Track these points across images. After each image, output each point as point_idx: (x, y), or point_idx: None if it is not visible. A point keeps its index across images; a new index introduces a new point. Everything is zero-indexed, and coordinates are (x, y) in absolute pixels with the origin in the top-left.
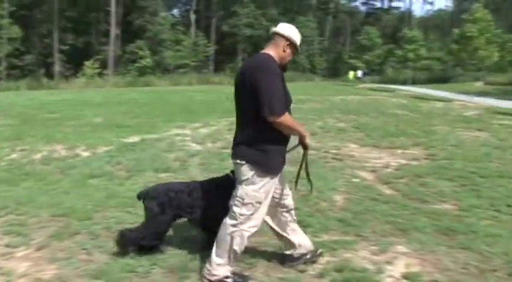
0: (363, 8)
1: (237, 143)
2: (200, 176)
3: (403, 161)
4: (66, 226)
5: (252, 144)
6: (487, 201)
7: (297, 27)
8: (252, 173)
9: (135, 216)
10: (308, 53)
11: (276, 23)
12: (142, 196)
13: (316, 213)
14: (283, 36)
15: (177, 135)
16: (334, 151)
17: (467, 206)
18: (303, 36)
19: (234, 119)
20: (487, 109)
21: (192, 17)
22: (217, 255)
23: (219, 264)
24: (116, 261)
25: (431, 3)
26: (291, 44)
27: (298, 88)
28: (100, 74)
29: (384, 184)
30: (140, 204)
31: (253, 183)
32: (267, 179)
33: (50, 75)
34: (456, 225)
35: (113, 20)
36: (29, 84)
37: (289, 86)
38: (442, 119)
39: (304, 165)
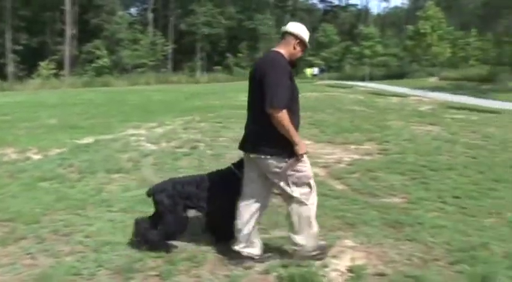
0: (320, 6)
1: (250, 133)
2: (154, 176)
3: (356, 156)
4: (11, 231)
5: (272, 137)
6: (435, 194)
7: (255, 25)
8: (284, 161)
9: (84, 219)
10: (267, 50)
11: (234, 21)
12: (152, 192)
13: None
14: (293, 34)
15: (132, 135)
16: None
17: (416, 198)
18: (261, 34)
19: (189, 118)
20: (440, 104)
21: (150, 15)
22: (302, 236)
23: (308, 241)
24: (60, 264)
25: (387, 1)
26: (301, 41)
27: None
28: (56, 75)
29: (335, 179)
30: (90, 206)
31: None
32: (297, 161)
33: (3, 76)
34: (404, 217)
35: (68, 19)
36: None
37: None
38: (397, 114)
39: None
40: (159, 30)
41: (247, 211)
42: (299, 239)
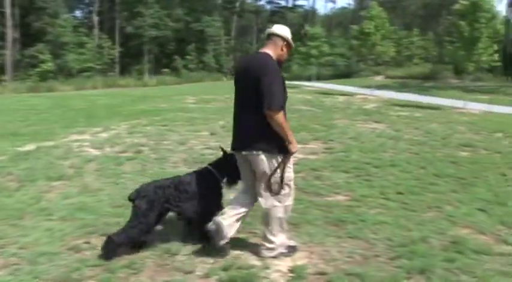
0: (268, 7)
1: (242, 132)
2: (96, 182)
3: (301, 156)
4: None
5: (264, 135)
6: (378, 190)
7: (202, 27)
8: (275, 159)
9: (20, 229)
10: (215, 52)
11: (181, 23)
12: (134, 197)
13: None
14: (280, 36)
15: (76, 141)
16: None
17: (359, 196)
18: (209, 36)
19: (135, 122)
20: (386, 101)
21: (95, 18)
22: (271, 235)
23: (275, 239)
24: None
25: (333, 2)
26: (288, 43)
27: (204, 88)
28: None
29: None
30: (28, 215)
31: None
32: (288, 159)
33: None
34: (346, 215)
35: (9, 23)
36: None
37: (197, 86)
38: (343, 113)
39: (281, 168)
40: (105, 33)
41: (242, 206)
42: (270, 236)
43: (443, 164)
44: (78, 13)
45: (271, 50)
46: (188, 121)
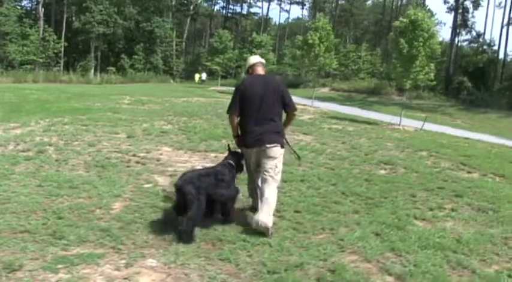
0: (223, 12)
1: (267, 131)
2: None
3: (210, 165)
4: None
5: (280, 133)
6: (276, 208)
7: (152, 28)
8: (282, 150)
9: None
10: (164, 54)
11: (131, 21)
12: (180, 184)
13: (81, 223)
14: (263, 63)
15: None
16: (142, 154)
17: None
18: (157, 36)
19: (58, 119)
20: (324, 113)
21: (41, 10)
22: (270, 213)
23: (270, 216)
24: None
25: (287, 11)
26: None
27: (146, 89)
28: None
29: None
30: None
31: (281, 156)
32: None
33: None
34: (229, 234)
35: None
36: None
37: (142, 86)
38: None
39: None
40: (51, 26)
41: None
42: (263, 215)
43: (355, 182)
44: (25, 3)
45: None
46: (111, 122)
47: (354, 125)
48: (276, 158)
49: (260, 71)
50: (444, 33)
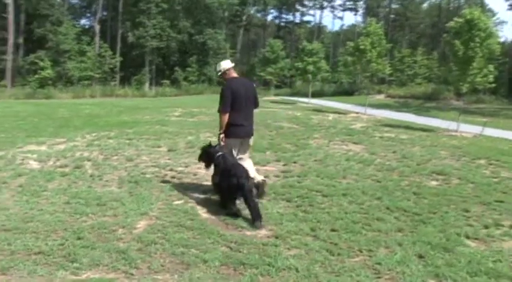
0: (276, 21)
1: (250, 124)
2: (9, 199)
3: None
4: None
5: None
6: (310, 226)
7: (205, 39)
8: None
9: None
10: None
11: (185, 34)
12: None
13: (99, 244)
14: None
15: (28, 152)
16: (179, 169)
17: (285, 232)
18: (209, 47)
19: (104, 133)
20: (377, 121)
21: (97, 27)
22: (255, 172)
23: (256, 174)
24: None
25: (341, 18)
26: None
27: (199, 101)
28: None
29: (207, 206)
30: None
31: None
32: None
33: None
34: (253, 257)
35: (10, 28)
36: None
37: (195, 98)
38: (325, 132)
39: None
40: (107, 42)
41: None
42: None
43: (402, 195)
44: (83, 21)
45: None
46: (156, 135)
47: (407, 133)
48: (250, 144)
49: (234, 73)
50: (507, 33)
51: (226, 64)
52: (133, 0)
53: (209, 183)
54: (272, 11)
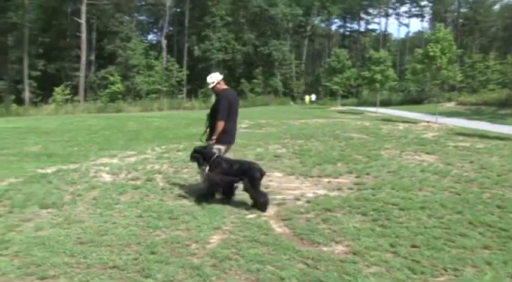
0: (341, 31)
1: (236, 131)
2: (83, 212)
3: (322, 192)
4: None
5: None
6: (389, 241)
7: (270, 50)
8: None
9: None
10: (284, 76)
11: (250, 46)
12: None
13: (172, 259)
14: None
15: (101, 164)
16: None
17: (363, 247)
18: (275, 59)
19: (174, 146)
20: (449, 130)
21: (164, 42)
22: None
23: None
24: None
25: (406, 25)
26: None
27: (266, 112)
28: (71, 100)
29: (280, 220)
30: None
31: None
32: None
33: (21, 101)
34: (331, 275)
35: (83, 46)
36: None
37: (262, 109)
38: (396, 142)
39: None
40: (173, 56)
41: None
42: None
43: (485, 209)
44: (150, 37)
45: None
46: None
47: (483, 142)
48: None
49: (224, 85)
50: None
51: (217, 76)
52: (198, 14)
53: (282, 196)
54: (336, 20)
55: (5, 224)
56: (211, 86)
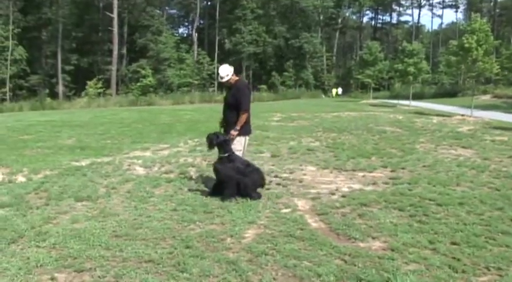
0: (373, 23)
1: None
2: (118, 205)
3: (357, 186)
4: None
5: None
6: (428, 238)
7: (301, 43)
8: None
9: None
10: (315, 69)
11: (281, 39)
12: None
13: (208, 253)
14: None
15: (134, 157)
16: (284, 175)
17: (400, 244)
18: (306, 51)
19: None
20: (485, 124)
21: (195, 35)
22: None
23: None
24: None
25: (440, 17)
26: None
27: (297, 105)
28: (104, 94)
29: (316, 215)
30: (22, 240)
31: None
32: None
33: (54, 95)
34: (369, 272)
35: (115, 40)
36: (32, 104)
37: (293, 102)
38: (431, 136)
39: None
40: (204, 49)
41: None
42: None
43: None
44: (181, 30)
45: None
46: (257, 140)
47: None
48: None
49: (235, 76)
50: None
51: (230, 68)
52: (229, 7)
53: (316, 190)
54: (368, 12)
55: (42, 216)
56: (225, 79)
